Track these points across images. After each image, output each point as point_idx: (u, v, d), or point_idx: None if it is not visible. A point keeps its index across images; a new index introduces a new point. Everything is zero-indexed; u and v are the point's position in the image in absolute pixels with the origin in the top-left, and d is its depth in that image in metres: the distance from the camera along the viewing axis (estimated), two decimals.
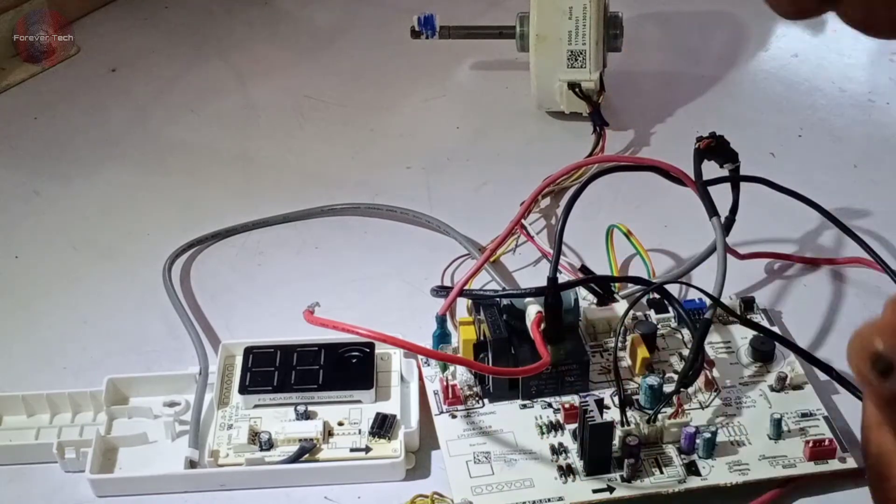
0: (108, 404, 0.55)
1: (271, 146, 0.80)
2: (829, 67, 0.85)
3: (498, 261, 0.66)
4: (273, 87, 0.87)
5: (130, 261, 0.68)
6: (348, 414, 0.55)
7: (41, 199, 0.74)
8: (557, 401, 0.54)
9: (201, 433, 0.54)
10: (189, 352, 0.58)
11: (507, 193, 0.70)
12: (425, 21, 0.81)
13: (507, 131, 0.80)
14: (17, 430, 0.55)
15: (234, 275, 0.67)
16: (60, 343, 0.62)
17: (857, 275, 0.64)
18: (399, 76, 0.87)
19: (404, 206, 0.70)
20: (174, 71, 0.89)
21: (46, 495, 0.53)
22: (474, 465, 0.52)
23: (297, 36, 0.94)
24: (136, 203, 0.74)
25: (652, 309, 0.60)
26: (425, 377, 0.56)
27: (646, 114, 0.80)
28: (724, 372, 0.56)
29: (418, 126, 0.81)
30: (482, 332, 0.55)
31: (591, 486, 0.50)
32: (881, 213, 0.68)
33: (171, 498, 0.52)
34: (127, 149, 0.80)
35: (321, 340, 0.57)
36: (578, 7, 0.74)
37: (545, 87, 0.77)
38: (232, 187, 0.75)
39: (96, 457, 0.53)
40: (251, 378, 0.56)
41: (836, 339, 0.59)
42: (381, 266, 0.67)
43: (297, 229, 0.70)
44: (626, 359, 0.57)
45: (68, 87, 0.86)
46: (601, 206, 0.68)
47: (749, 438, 0.53)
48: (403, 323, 0.60)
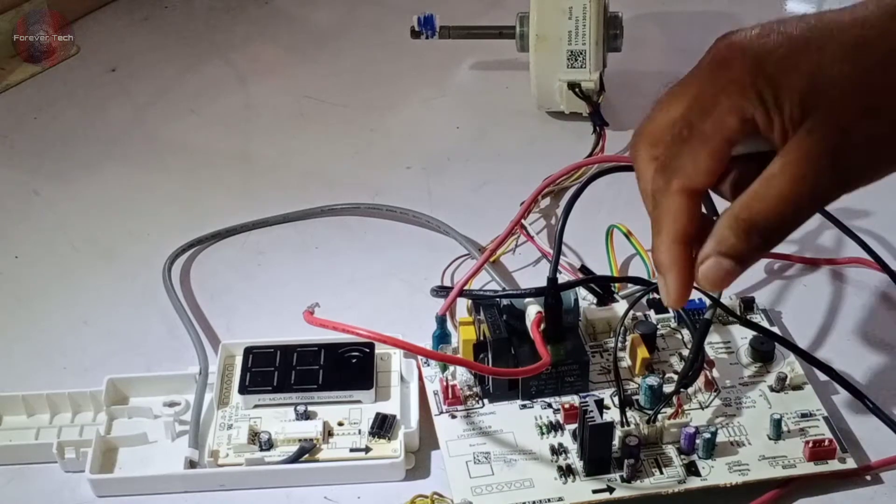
0: (108, 404, 0.55)
1: (271, 146, 0.80)
2: None
3: (498, 261, 0.66)
4: (273, 87, 0.87)
5: (130, 261, 0.68)
6: (348, 414, 0.55)
7: (41, 199, 0.74)
8: (557, 401, 0.54)
9: (201, 433, 0.54)
10: (189, 352, 0.58)
11: (507, 193, 0.70)
12: (425, 21, 0.81)
13: (507, 131, 0.80)
14: (17, 430, 0.55)
15: (234, 275, 0.67)
16: (60, 343, 0.62)
17: (857, 275, 0.64)
18: (399, 76, 0.87)
19: (404, 206, 0.70)
20: (174, 71, 0.89)
21: (46, 495, 0.53)
22: (474, 465, 0.52)
23: (297, 36, 0.94)
24: (136, 203, 0.74)
25: (652, 309, 0.60)
26: (425, 377, 0.56)
27: (646, 114, 0.80)
28: (723, 372, 0.56)
29: (418, 126, 0.81)
30: (482, 333, 0.55)
31: (591, 487, 0.50)
32: (881, 213, 0.68)
33: (170, 498, 0.52)
34: (127, 149, 0.80)
35: (321, 340, 0.57)
36: (578, 7, 0.74)
37: (545, 87, 0.77)
38: (232, 187, 0.75)
39: (96, 457, 0.53)
40: (251, 378, 0.56)
41: (836, 339, 0.59)
42: (381, 266, 0.67)
43: (297, 229, 0.70)
44: (626, 359, 0.57)
45: (68, 87, 0.87)
46: (601, 206, 0.68)
47: (749, 439, 0.53)
48: (403, 323, 0.60)
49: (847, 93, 0.40)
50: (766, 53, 0.41)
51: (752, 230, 0.42)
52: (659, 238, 0.44)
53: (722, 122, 0.42)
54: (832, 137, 0.40)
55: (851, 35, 0.40)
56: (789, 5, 0.94)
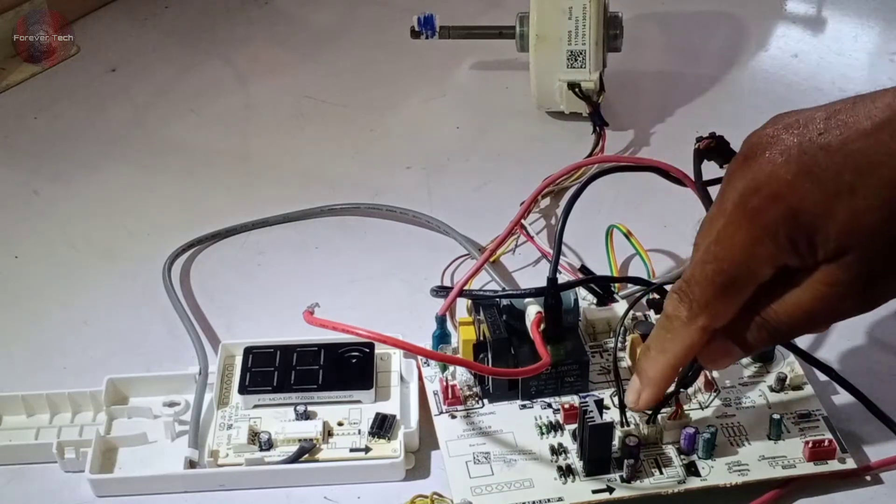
0: (107, 404, 0.55)
1: (271, 146, 0.80)
2: (828, 67, 0.85)
3: (498, 261, 0.66)
4: (273, 87, 0.87)
5: (130, 261, 0.68)
6: (348, 414, 0.55)
7: (41, 199, 0.74)
8: (557, 401, 0.54)
9: (201, 433, 0.54)
10: (189, 352, 0.58)
11: (507, 193, 0.70)
12: (425, 21, 0.81)
13: (507, 131, 0.80)
14: (17, 430, 0.55)
15: (234, 275, 0.67)
16: (60, 343, 0.62)
17: None
18: (399, 76, 0.87)
19: (404, 206, 0.70)
20: (174, 71, 0.89)
21: (46, 495, 0.53)
22: (474, 465, 0.52)
23: (297, 36, 0.94)
24: (135, 203, 0.74)
25: (652, 309, 0.60)
26: (425, 377, 0.56)
27: (646, 114, 0.80)
28: (723, 372, 0.56)
29: (418, 126, 0.81)
30: (482, 333, 0.55)
31: (591, 487, 0.50)
32: None
33: (170, 498, 0.52)
34: (126, 149, 0.80)
35: (321, 340, 0.57)
36: (578, 7, 0.74)
37: (545, 87, 0.77)
38: (232, 187, 0.75)
39: (96, 457, 0.53)
40: (251, 378, 0.56)
41: (835, 339, 0.59)
42: (381, 266, 0.67)
43: (297, 229, 0.70)
44: (626, 359, 0.57)
45: (68, 87, 0.86)
46: (601, 206, 0.68)
47: (748, 439, 0.52)
48: (403, 323, 0.60)
49: (884, 236, 0.40)
50: (798, 201, 0.41)
51: (763, 326, 0.44)
52: (659, 356, 0.47)
53: (756, 272, 0.43)
54: (865, 273, 0.41)
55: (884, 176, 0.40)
56: (789, 6, 0.94)
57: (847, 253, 0.41)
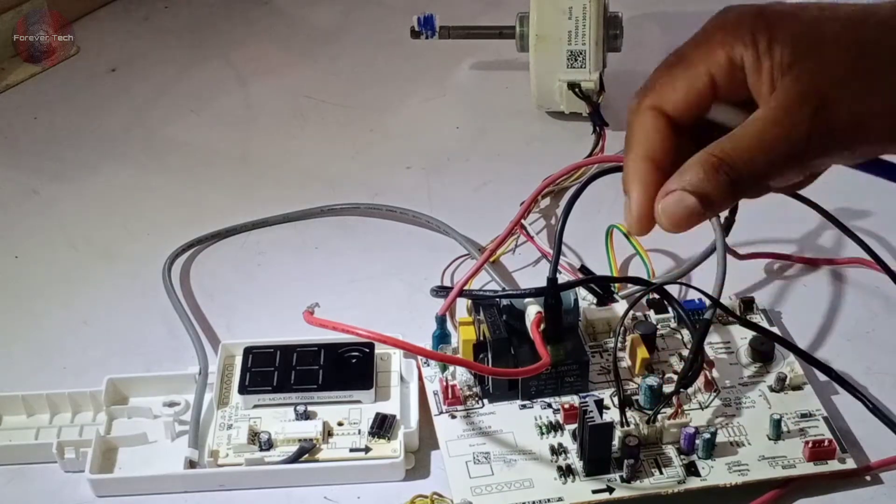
0: (107, 404, 0.55)
1: (271, 146, 0.80)
2: None
3: (498, 261, 0.66)
4: (273, 87, 0.87)
5: (130, 261, 0.68)
6: (348, 414, 0.55)
7: (41, 199, 0.74)
8: (557, 401, 0.54)
9: (201, 433, 0.54)
10: (189, 352, 0.58)
11: (507, 193, 0.70)
12: (425, 21, 0.81)
13: (507, 131, 0.80)
14: (17, 430, 0.55)
15: (234, 275, 0.67)
16: (60, 343, 0.62)
17: (857, 275, 0.64)
18: (399, 76, 0.87)
19: (404, 206, 0.70)
20: (174, 71, 0.89)
21: (46, 495, 0.53)
22: (474, 465, 0.52)
23: (297, 36, 0.94)
24: (136, 203, 0.74)
25: (652, 309, 0.60)
26: (425, 377, 0.56)
27: None
28: (723, 372, 0.56)
29: (418, 126, 0.81)
30: (482, 333, 0.55)
31: (591, 487, 0.50)
32: (881, 213, 0.68)
33: (170, 498, 0.52)
34: (127, 149, 0.80)
35: (321, 340, 0.57)
36: (578, 7, 0.74)
37: (545, 87, 0.77)
38: (232, 187, 0.75)
39: (96, 457, 0.53)
40: (251, 378, 0.56)
41: (835, 339, 0.59)
42: (381, 266, 0.67)
43: (297, 229, 0.70)
44: (626, 359, 0.57)
45: (68, 87, 0.86)
46: (601, 206, 0.68)
47: (748, 439, 0.53)
48: (403, 323, 0.60)
49: (841, 47, 0.39)
50: (770, 5, 0.41)
51: (721, 168, 0.40)
52: (627, 156, 0.44)
53: (709, 53, 0.42)
54: (817, 86, 0.39)
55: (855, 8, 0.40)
56: None
57: (801, 60, 0.40)
